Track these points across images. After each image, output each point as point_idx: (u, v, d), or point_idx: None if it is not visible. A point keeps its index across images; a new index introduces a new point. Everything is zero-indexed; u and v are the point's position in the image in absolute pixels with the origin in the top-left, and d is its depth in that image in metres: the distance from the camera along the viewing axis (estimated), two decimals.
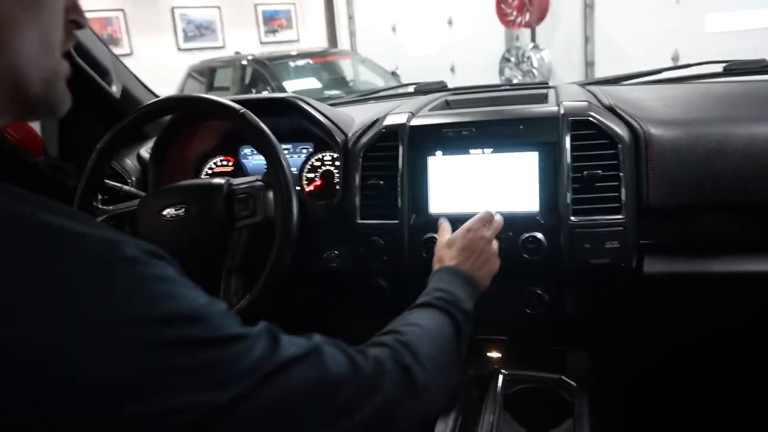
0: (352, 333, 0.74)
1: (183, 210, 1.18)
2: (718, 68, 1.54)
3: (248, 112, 1.17)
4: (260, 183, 1.19)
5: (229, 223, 1.19)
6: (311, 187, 1.47)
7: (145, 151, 1.54)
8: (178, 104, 1.29)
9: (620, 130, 1.15)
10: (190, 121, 1.49)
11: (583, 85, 1.56)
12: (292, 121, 1.41)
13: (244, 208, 1.19)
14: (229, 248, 1.18)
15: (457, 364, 0.82)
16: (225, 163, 1.56)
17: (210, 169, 1.56)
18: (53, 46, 0.57)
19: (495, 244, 1.07)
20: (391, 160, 1.27)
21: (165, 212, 1.18)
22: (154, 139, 1.49)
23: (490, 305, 1.10)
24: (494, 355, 1.33)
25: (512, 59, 6.35)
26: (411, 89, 1.82)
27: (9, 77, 0.53)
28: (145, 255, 0.49)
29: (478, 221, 1.07)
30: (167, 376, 0.46)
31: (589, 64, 6.08)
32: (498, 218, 1.12)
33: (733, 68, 1.52)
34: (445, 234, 1.09)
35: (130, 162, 1.51)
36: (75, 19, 0.60)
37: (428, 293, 0.90)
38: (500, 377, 1.20)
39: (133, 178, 1.48)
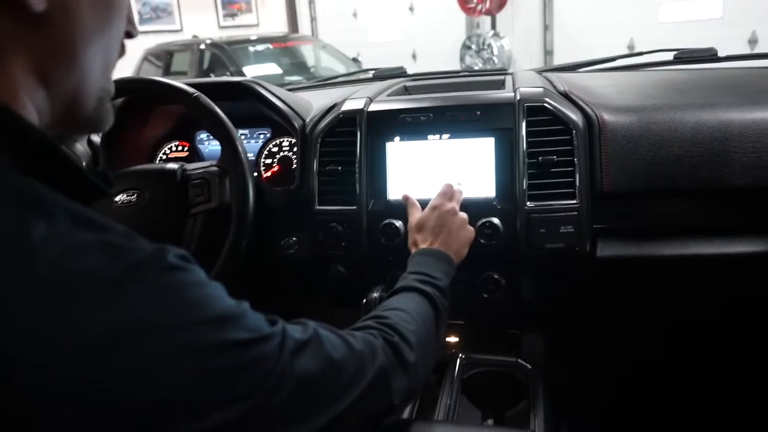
0: (313, 319, 0.74)
1: (135, 196, 1.15)
2: (669, 56, 1.58)
3: (202, 95, 1.15)
4: (215, 168, 1.17)
5: (183, 210, 1.16)
6: (269, 173, 1.45)
7: (96, 136, 1.50)
8: (130, 87, 1.25)
9: (575, 116, 1.17)
10: (143, 105, 1.45)
11: (540, 72, 1.57)
12: (250, 106, 1.38)
13: (199, 193, 1.16)
14: (184, 235, 1.16)
15: (437, 339, 0.86)
16: (180, 148, 1.53)
17: (164, 154, 1.53)
18: (112, 63, 0.57)
19: (462, 214, 1.09)
20: (349, 146, 1.26)
21: (117, 198, 1.15)
22: None
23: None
24: (451, 339, 1.34)
25: (473, 47, 6.38)
26: (370, 75, 1.81)
27: (70, 94, 0.53)
28: (182, 261, 0.50)
29: (441, 196, 1.11)
30: (218, 376, 0.48)
31: (548, 53, 6.15)
32: (458, 188, 1.14)
33: (683, 56, 1.55)
34: (414, 210, 1.12)
35: (81, 146, 1.46)
36: (129, 30, 0.59)
37: (404, 278, 0.94)
38: (457, 361, 1.21)
39: (84, 164, 1.43)
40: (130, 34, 0.60)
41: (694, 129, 1.14)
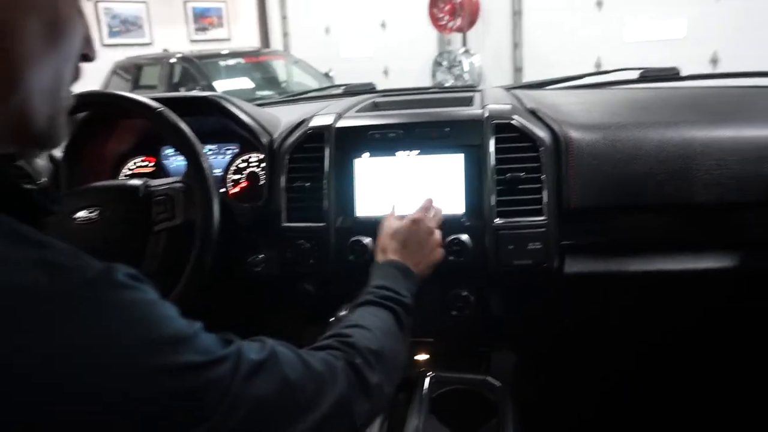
0: (278, 339, 0.73)
1: (97, 213, 1.11)
2: (635, 75, 1.61)
3: (166, 110, 1.13)
4: (180, 184, 1.15)
5: (146, 227, 1.13)
6: (236, 189, 1.43)
7: (57, 150, 1.46)
8: (92, 101, 1.22)
9: (542, 133, 1.18)
10: (107, 120, 1.42)
11: (508, 89, 1.58)
12: (217, 121, 1.36)
13: (163, 210, 1.14)
14: (147, 253, 1.13)
15: (403, 357, 0.84)
16: (145, 164, 1.50)
17: (129, 170, 1.49)
18: (65, 82, 0.55)
19: (438, 234, 1.08)
20: (317, 162, 1.24)
21: (77, 215, 1.12)
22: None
23: (415, 308, 1.10)
24: (420, 357, 1.33)
25: (444, 63, 6.44)
26: (340, 90, 1.81)
27: (17, 113, 0.51)
28: (131, 279, 0.49)
29: (423, 211, 1.09)
30: (168, 400, 0.47)
31: (517, 70, 6.23)
32: (438, 208, 1.13)
33: (648, 75, 1.58)
34: (391, 220, 1.09)
35: (41, 162, 1.42)
36: (86, 53, 0.58)
37: (369, 290, 0.91)
38: (426, 379, 1.19)
39: (44, 179, 1.39)
40: (87, 57, 0.58)
41: (658, 146, 1.15)
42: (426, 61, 6.67)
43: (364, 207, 1.23)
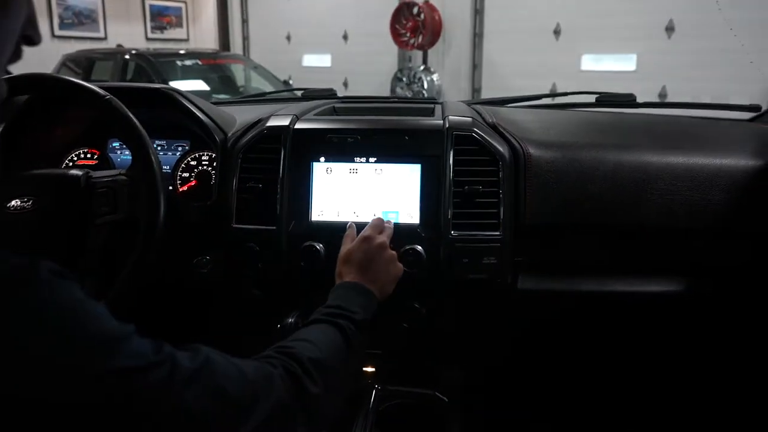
0: (222, 345, 0.70)
1: (31, 202, 1.04)
2: (592, 99, 1.63)
3: (114, 99, 1.07)
4: (124, 177, 1.09)
5: (86, 220, 1.07)
6: (185, 188, 1.37)
7: None
8: (33, 83, 1.15)
9: (501, 147, 1.17)
10: (50, 106, 1.34)
11: (469, 104, 1.58)
12: (168, 115, 1.31)
13: (104, 203, 1.08)
14: (86, 247, 1.06)
15: (349, 373, 0.83)
16: (89, 155, 1.42)
17: (71, 161, 1.42)
18: (1, 61, 0.52)
19: (392, 251, 1.06)
20: (271, 163, 1.21)
21: (10, 204, 1.04)
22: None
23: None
24: (368, 369, 1.29)
25: (404, 79, 6.47)
26: (298, 94, 1.78)
27: None
28: (55, 276, 0.46)
29: (372, 228, 1.07)
30: (97, 408, 0.44)
31: (476, 90, 6.32)
32: (389, 223, 1.12)
33: (604, 100, 1.61)
34: (347, 241, 1.07)
35: None
36: (30, 35, 0.53)
37: (318, 311, 0.90)
38: (373, 392, 1.16)
39: None
40: (30, 39, 0.54)
41: (614, 168, 1.17)
42: (386, 75, 6.70)
43: (318, 212, 1.20)
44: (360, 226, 1.13)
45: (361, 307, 0.92)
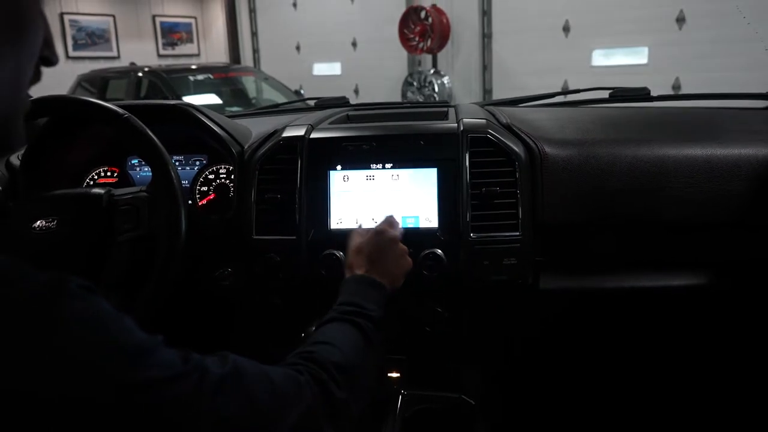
0: (246, 355, 0.71)
1: (56, 222, 1.06)
2: (605, 95, 1.62)
3: (133, 117, 1.09)
4: (145, 194, 1.10)
5: (109, 237, 1.08)
6: (204, 201, 1.38)
7: (15, 158, 1.40)
8: (55, 106, 1.17)
9: (517, 147, 1.17)
10: (70, 126, 1.36)
11: (482, 105, 1.59)
12: (185, 131, 1.32)
13: (127, 220, 1.09)
14: (109, 264, 1.08)
15: (371, 372, 0.83)
16: (109, 174, 1.45)
17: (92, 179, 1.44)
18: (23, 82, 0.53)
19: (404, 246, 1.06)
20: (288, 174, 1.22)
21: (36, 224, 1.06)
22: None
23: (388, 324, 1.07)
24: (393, 375, 1.29)
25: (415, 83, 6.49)
26: (312, 104, 1.79)
27: None
28: (85, 291, 0.47)
29: (385, 223, 1.08)
30: (130, 419, 0.45)
31: (487, 92, 6.32)
32: (399, 224, 1.12)
33: (618, 95, 1.60)
34: (356, 237, 1.07)
35: None
36: (47, 56, 0.55)
37: (335, 308, 0.90)
38: (399, 398, 1.16)
39: (0, 188, 1.33)
40: (47, 60, 0.56)
41: (631, 163, 1.16)
42: (396, 80, 6.72)
43: (337, 220, 1.20)
44: None
45: (376, 304, 0.92)
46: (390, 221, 1.10)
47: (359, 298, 0.91)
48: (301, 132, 1.25)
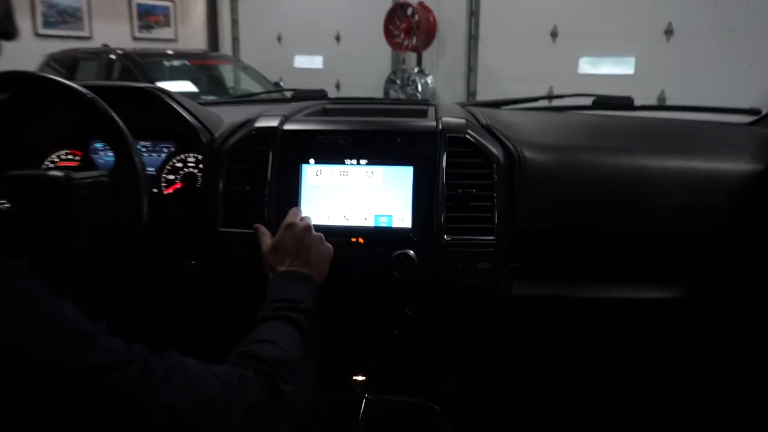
0: (208, 349, 0.71)
1: (9, 204, 1.04)
2: (588, 101, 1.64)
3: (97, 98, 1.07)
4: (106, 179, 1.08)
5: (66, 223, 1.06)
6: (170, 190, 1.36)
7: None
8: (14, 81, 1.14)
9: (495, 150, 1.17)
10: (31, 105, 1.33)
11: (463, 105, 1.59)
12: (154, 116, 1.31)
13: (86, 206, 1.07)
14: (66, 251, 1.05)
15: (312, 364, 0.85)
16: (71, 157, 1.42)
17: (52, 162, 1.41)
18: None
19: (318, 234, 1.08)
20: (259, 166, 1.20)
21: None
22: None
23: (357, 326, 1.06)
24: (359, 378, 1.29)
25: (398, 81, 6.49)
26: (288, 95, 1.78)
27: None
28: (19, 273, 0.47)
29: (292, 216, 1.10)
30: (70, 408, 0.45)
31: (471, 94, 6.34)
32: (307, 216, 1.15)
33: (602, 102, 1.61)
34: (266, 238, 1.09)
35: None
36: (6, 30, 0.55)
37: (264, 307, 0.91)
38: (363, 403, 1.16)
39: None
40: (7, 34, 0.55)
41: (612, 172, 1.17)
42: (379, 77, 6.71)
43: (308, 215, 1.19)
44: (349, 231, 1.13)
45: (305, 295, 0.94)
46: (295, 213, 1.11)
47: (287, 293, 0.93)
48: (274, 123, 1.23)
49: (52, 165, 1.40)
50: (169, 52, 6.33)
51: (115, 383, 0.48)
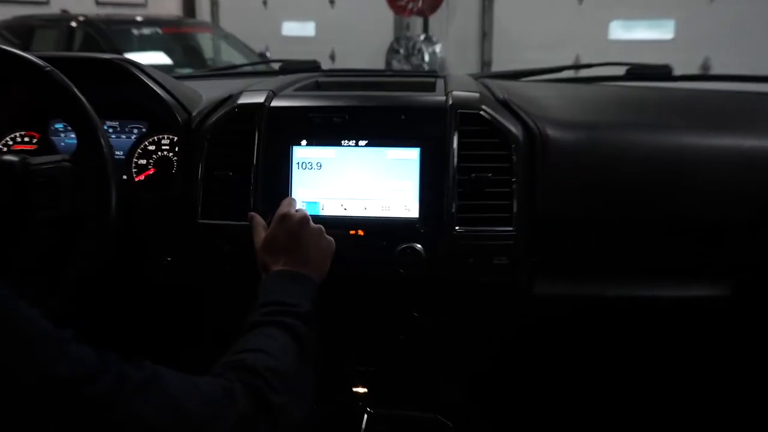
0: (189, 359, 0.72)
1: None
2: (621, 71, 1.64)
3: (56, 71, 1.07)
4: (68, 164, 1.08)
5: (22, 215, 1.06)
6: (142, 177, 1.37)
7: None
8: None
9: (514, 128, 1.17)
10: None
11: (477, 77, 1.59)
12: (122, 92, 1.31)
13: (45, 195, 1.07)
14: (23, 247, 1.06)
15: (309, 372, 0.86)
16: (28, 139, 1.42)
17: (6, 145, 1.41)
18: None
19: (317, 226, 1.07)
20: (243, 148, 1.21)
21: None
22: None
23: (356, 330, 1.07)
24: (359, 390, 1.30)
25: (401, 50, 6.48)
26: (276, 67, 1.78)
27: None
28: None
29: (287, 206, 1.09)
30: (36, 422, 0.46)
31: (485, 63, 6.34)
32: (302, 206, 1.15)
33: (636, 72, 1.61)
34: (260, 230, 1.08)
35: None
36: None
37: (255, 311, 0.92)
38: (365, 417, 1.16)
39: None
40: None
41: (648, 152, 1.17)
42: (380, 46, 6.71)
43: (299, 205, 1.19)
44: (347, 222, 1.13)
45: (302, 297, 0.94)
46: (289, 203, 1.11)
47: (281, 296, 0.93)
48: (260, 99, 1.24)
49: (5, 149, 1.41)
50: (139, 19, 6.33)
51: (86, 396, 0.49)
